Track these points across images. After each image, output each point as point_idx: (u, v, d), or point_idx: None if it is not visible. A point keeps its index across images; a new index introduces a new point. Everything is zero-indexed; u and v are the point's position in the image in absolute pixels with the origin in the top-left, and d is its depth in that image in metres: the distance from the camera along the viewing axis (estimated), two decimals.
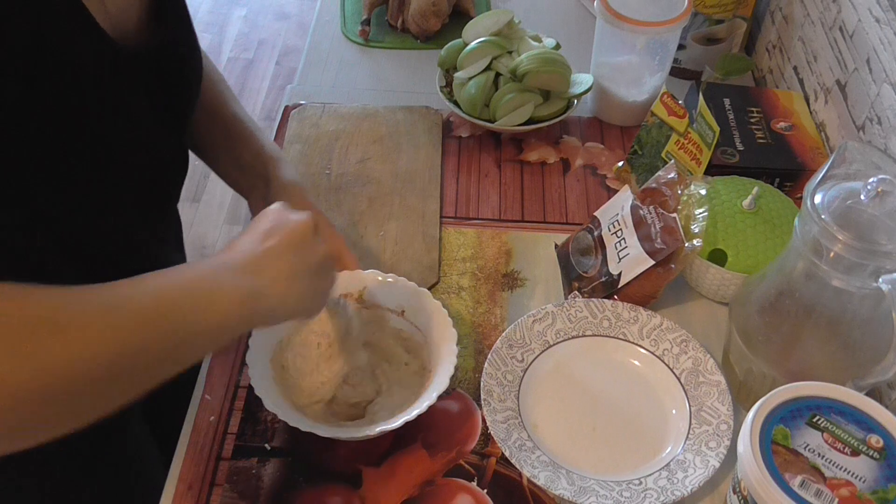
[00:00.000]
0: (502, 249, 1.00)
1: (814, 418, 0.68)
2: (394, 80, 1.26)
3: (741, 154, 1.03)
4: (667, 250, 0.87)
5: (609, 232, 0.93)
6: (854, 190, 0.72)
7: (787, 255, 0.78)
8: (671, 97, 1.02)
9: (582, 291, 0.92)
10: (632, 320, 0.89)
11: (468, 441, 0.82)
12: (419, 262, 0.97)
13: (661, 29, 1.08)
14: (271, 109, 2.79)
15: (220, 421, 0.83)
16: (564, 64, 1.12)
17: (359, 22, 1.35)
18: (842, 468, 0.65)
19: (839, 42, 1.05)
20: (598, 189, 1.09)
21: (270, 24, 3.18)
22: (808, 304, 0.77)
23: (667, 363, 0.87)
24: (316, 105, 1.18)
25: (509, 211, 1.05)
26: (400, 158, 1.10)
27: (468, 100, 1.11)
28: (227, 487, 0.78)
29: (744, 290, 0.85)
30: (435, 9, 1.28)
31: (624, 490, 0.76)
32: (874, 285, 0.70)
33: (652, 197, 0.92)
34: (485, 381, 0.83)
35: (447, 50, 1.17)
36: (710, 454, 0.78)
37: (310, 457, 0.80)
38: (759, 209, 0.91)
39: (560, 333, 0.89)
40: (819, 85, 1.10)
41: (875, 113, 0.94)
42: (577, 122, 1.18)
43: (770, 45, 1.27)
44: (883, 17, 0.94)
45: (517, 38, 1.16)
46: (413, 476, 0.79)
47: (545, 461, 0.79)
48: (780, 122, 1.08)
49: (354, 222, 1.01)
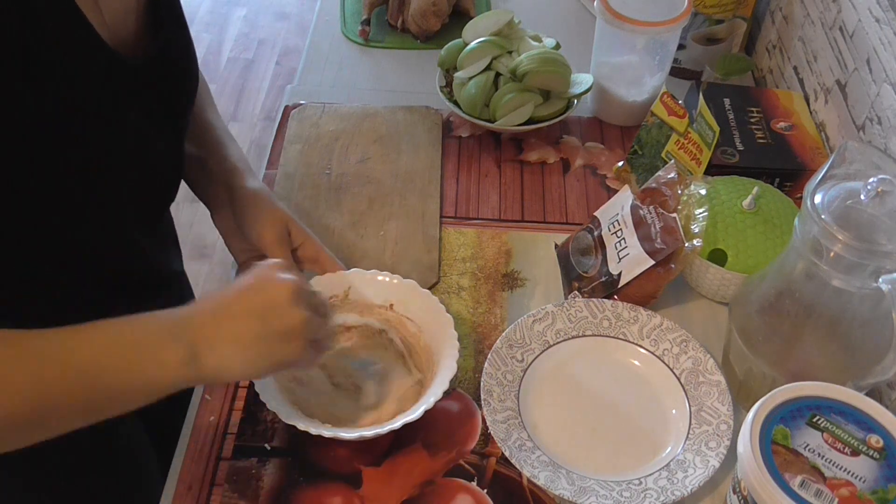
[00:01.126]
0: (502, 249, 1.00)
1: (814, 418, 0.68)
2: (394, 80, 1.26)
3: (741, 154, 1.03)
4: (667, 250, 0.87)
5: (609, 232, 0.93)
6: (854, 190, 0.72)
7: (787, 255, 0.78)
8: (671, 97, 1.02)
9: (582, 291, 0.92)
10: (632, 320, 0.89)
11: (468, 441, 0.82)
12: (419, 262, 0.97)
13: (661, 29, 1.08)
14: (271, 109, 2.79)
15: (220, 421, 0.83)
16: (564, 64, 1.12)
17: (359, 22, 1.35)
18: (842, 468, 0.65)
19: (839, 42, 1.05)
20: (598, 189, 1.09)
21: (270, 24, 3.18)
22: (808, 304, 0.76)
23: (667, 363, 0.87)
24: (316, 105, 1.18)
25: (509, 211, 1.05)
26: (400, 158, 1.10)
27: (468, 100, 1.11)
28: (227, 487, 0.78)
29: (744, 290, 0.85)
30: (435, 9, 1.28)
31: (624, 490, 0.76)
32: (874, 285, 0.70)
33: (652, 197, 0.92)
34: (485, 381, 0.83)
35: (447, 50, 1.17)
36: (710, 454, 0.78)
37: (310, 457, 0.80)
38: (759, 209, 0.91)
39: (560, 333, 0.89)
40: (819, 85, 1.10)
41: (875, 113, 0.94)
42: (577, 122, 1.18)
43: (770, 45, 1.27)
44: (883, 17, 0.94)
45: (517, 38, 1.16)
46: (413, 476, 0.79)
47: (545, 461, 0.79)
48: (780, 122, 1.08)
49: (354, 222, 1.01)
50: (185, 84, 0.81)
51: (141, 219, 0.82)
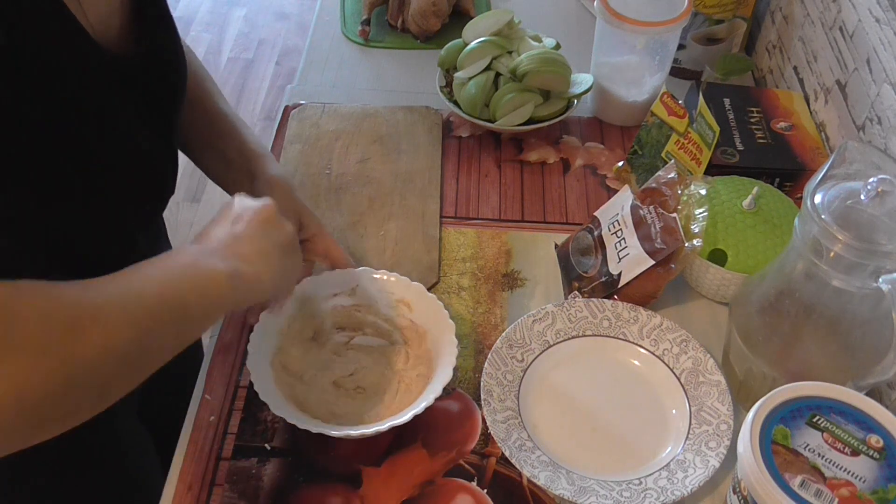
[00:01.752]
0: (502, 249, 1.00)
1: (814, 418, 0.68)
2: (394, 80, 1.26)
3: (741, 154, 1.03)
4: (667, 250, 0.87)
5: (609, 232, 0.93)
6: (854, 190, 0.72)
7: (787, 255, 0.78)
8: (671, 97, 1.02)
9: (582, 291, 0.92)
10: (632, 320, 0.89)
11: (468, 441, 0.82)
12: (419, 262, 0.97)
13: (661, 29, 1.08)
14: (271, 109, 2.79)
15: (220, 421, 0.83)
16: (564, 64, 1.12)
17: (359, 22, 1.35)
18: (842, 468, 0.65)
19: (839, 42, 1.05)
20: (598, 189, 1.09)
21: (270, 24, 3.18)
22: (808, 304, 0.77)
23: (667, 363, 0.87)
24: (316, 105, 1.18)
25: (509, 211, 1.05)
26: (400, 158, 1.10)
27: (468, 100, 1.11)
28: (227, 487, 0.78)
29: (744, 290, 0.85)
30: (435, 9, 1.28)
31: (624, 490, 0.76)
32: (874, 285, 0.70)
33: (652, 197, 0.92)
34: (485, 381, 0.83)
35: (447, 50, 1.17)
36: (710, 454, 0.78)
37: (310, 457, 0.80)
38: (759, 209, 0.91)
39: (560, 333, 0.89)
40: (819, 85, 1.10)
41: (875, 113, 0.94)
42: (577, 122, 1.18)
43: (770, 45, 1.27)
44: (883, 17, 0.94)
45: (517, 38, 1.16)
46: (413, 476, 0.79)
47: (545, 461, 0.79)
48: (780, 122, 1.08)
49: (354, 222, 1.01)
50: (174, 82, 0.81)
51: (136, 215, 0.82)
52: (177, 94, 0.82)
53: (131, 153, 0.74)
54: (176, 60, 0.81)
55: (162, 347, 0.62)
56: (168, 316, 0.61)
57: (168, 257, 0.66)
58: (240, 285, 0.67)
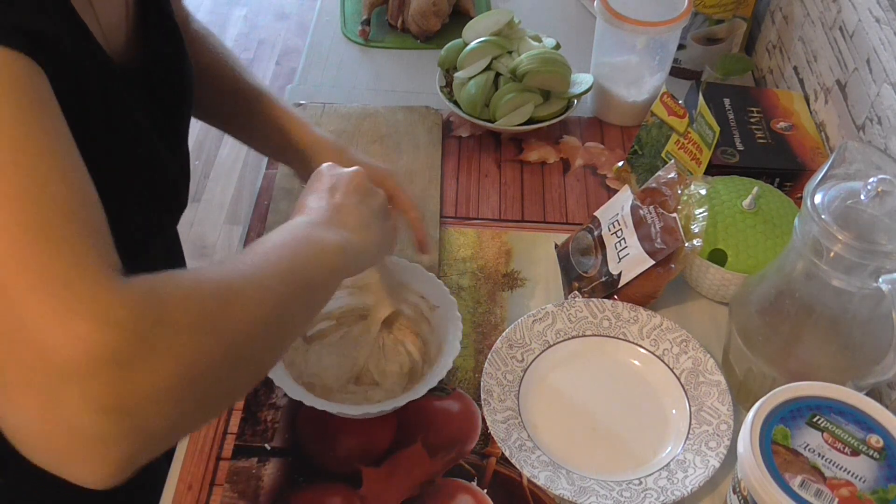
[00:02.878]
0: (502, 249, 1.00)
1: (814, 418, 0.68)
2: (394, 80, 1.26)
3: (741, 154, 1.03)
4: (667, 250, 0.87)
5: (609, 232, 0.93)
6: (854, 190, 0.72)
7: (787, 255, 0.78)
8: (671, 97, 1.02)
9: (582, 291, 0.92)
10: (632, 320, 0.89)
11: (468, 441, 0.82)
12: (419, 262, 0.97)
13: (661, 29, 1.08)
14: None
15: (220, 421, 0.83)
16: (564, 64, 1.12)
17: (359, 22, 1.35)
18: (842, 468, 0.65)
19: (839, 42, 1.05)
20: (598, 189, 1.09)
21: (270, 24, 3.18)
22: (808, 304, 0.77)
23: (667, 363, 0.87)
24: (316, 105, 1.18)
25: (509, 211, 1.05)
26: (400, 158, 1.10)
27: (468, 100, 1.11)
28: (227, 487, 0.78)
29: (744, 290, 0.85)
30: (435, 9, 1.28)
31: (624, 490, 0.76)
32: (874, 285, 0.70)
33: (652, 197, 0.92)
34: (485, 381, 0.83)
35: (447, 50, 1.17)
36: (710, 454, 0.78)
37: (310, 457, 0.80)
38: (759, 209, 0.91)
39: (560, 333, 0.89)
40: (819, 85, 1.10)
41: (875, 113, 0.94)
42: (577, 122, 1.18)
43: (770, 45, 1.27)
44: (883, 17, 0.94)
45: (517, 38, 1.16)
46: (413, 476, 0.79)
47: (545, 461, 0.79)
48: (780, 122, 1.08)
49: None
50: (180, 87, 0.81)
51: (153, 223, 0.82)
52: (184, 100, 0.82)
53: (144, 160, 0.74)
54: (181, 69, 0.81)
55: (295, 319, 0.63)
56: (299, 288, 0.62)
57: (285, 231, 0.67)
58: (351, 255, 0.68)
